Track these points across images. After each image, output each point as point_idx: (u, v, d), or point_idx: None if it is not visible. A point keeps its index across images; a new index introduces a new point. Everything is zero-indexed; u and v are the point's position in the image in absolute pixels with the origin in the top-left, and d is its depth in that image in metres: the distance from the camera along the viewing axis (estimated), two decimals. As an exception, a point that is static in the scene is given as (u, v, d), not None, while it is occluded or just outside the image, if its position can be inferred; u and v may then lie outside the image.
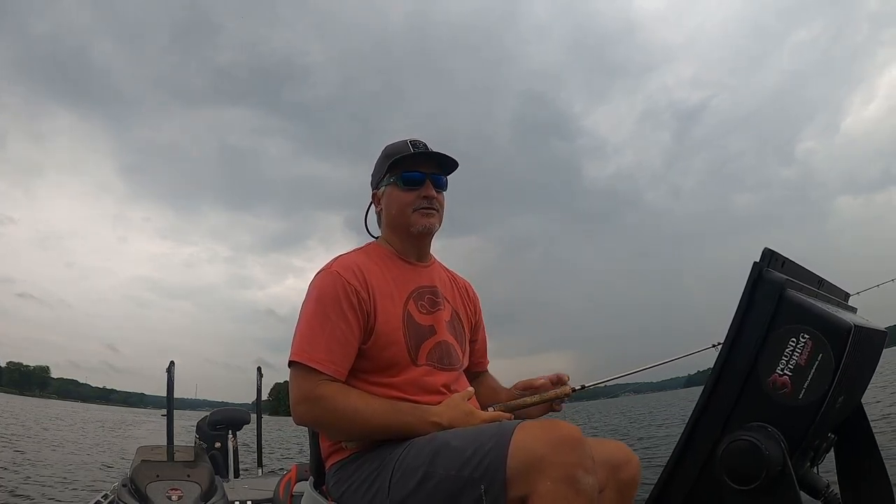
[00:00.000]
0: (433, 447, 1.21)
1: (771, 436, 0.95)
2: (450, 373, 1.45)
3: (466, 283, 1.71)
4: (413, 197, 1.48)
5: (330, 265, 1.44)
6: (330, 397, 1.29)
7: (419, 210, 1.49)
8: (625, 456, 1.41)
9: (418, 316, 1.46)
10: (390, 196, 1.51)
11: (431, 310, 1.49)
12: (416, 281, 1.51)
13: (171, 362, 3.99)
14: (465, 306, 1.63)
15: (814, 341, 0.95)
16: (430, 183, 1.49)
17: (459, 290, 1.65)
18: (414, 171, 1.48)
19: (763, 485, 0.93)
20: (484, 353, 1.72)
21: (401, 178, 1.49)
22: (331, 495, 1.37)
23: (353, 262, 1.44)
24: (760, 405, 0.98)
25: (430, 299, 1.51)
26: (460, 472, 1.14)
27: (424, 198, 1.48)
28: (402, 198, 1.49)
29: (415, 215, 1.49)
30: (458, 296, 1.63)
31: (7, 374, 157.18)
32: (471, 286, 1.72)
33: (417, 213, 1.49)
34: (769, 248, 1.03)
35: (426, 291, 1.50)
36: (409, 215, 1.49)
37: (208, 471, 3.09)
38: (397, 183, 1.49)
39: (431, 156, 1.50)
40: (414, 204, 1.48)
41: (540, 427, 1.13)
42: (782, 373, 0.97)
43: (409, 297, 1.47)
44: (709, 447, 1.02)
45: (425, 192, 1.48)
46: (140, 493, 2.78)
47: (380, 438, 1.31)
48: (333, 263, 1.44)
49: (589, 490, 1.05)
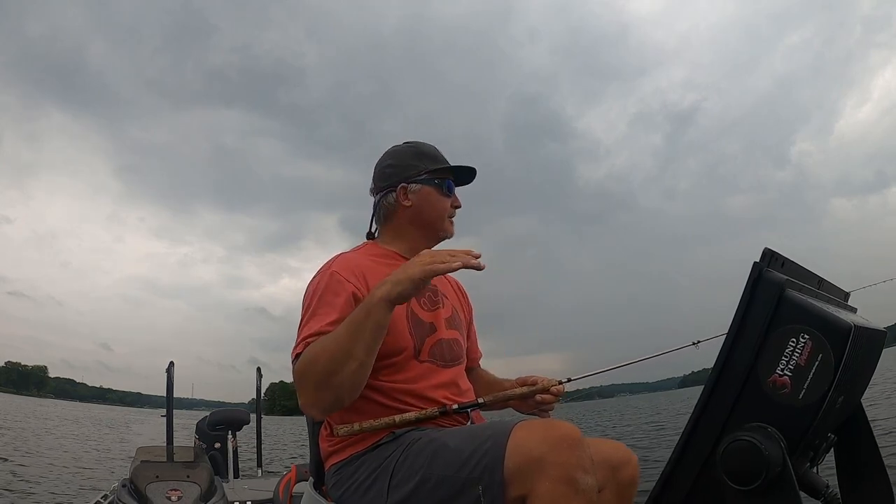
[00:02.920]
0: (432, 448, 1.21)
1: (771, 436, 0.95)
2: (452, 369, 1.45)
3: (458, 282, 1.74)
4: (449, 204, 1.56)
5: (329, 265, 1.43)
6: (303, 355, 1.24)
7: (449, 219, 1.57)
8: (624, 456, 1.41)
9: (421, 313, 1.46)
10: (428, 197, 1.53)
11: (432, 307, 1.50)
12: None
13: (171, 363, 3.98)
14: (460, 303, 1.66)
15: (814, 341, 0.95)
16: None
17: (454, 288, 1.68)
18: (452, 178, 1.56)
19: (763, 485, 0.93)
20: (476, 348, 1.72)
21: (445, 183, 1.55)
22: (330, 496, 1.37)
23: (352, 262, 1.43)
24: (760, 405, 0.98)
25: (430, 297, 1.51)
26: (458, 472, 1.14)
27: (454, 207, 1.58)
28: (443, 202, 1.54)
29: (447, 222, 1.57)
30: (454, 293, 1.65)
31: (5, 374, 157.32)
32: (461, 284, 1.75)
33: (447, 221, 1.57)
34: (769, 248, 1.03)
35: (427, 289, 1.50)
36: (444, 220, 1.56)
37: (208, 471, 3.09)
38: (440, 187, 1.54)
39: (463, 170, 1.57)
40: (449, 211, 1.56)
41: (538, 427, 1.12)
42: (782, 373, 0.97)
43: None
44: (709, 447, 1.02)
45: (456, 203, 1.58)
46: (139, 494, 2.78)
47: (351, 353, 1.20)
48: (332, 263, 1.43)
49: (588, 490, 1.05)
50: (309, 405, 1.25)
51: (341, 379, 1.20)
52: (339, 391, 1.22)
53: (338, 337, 1.23)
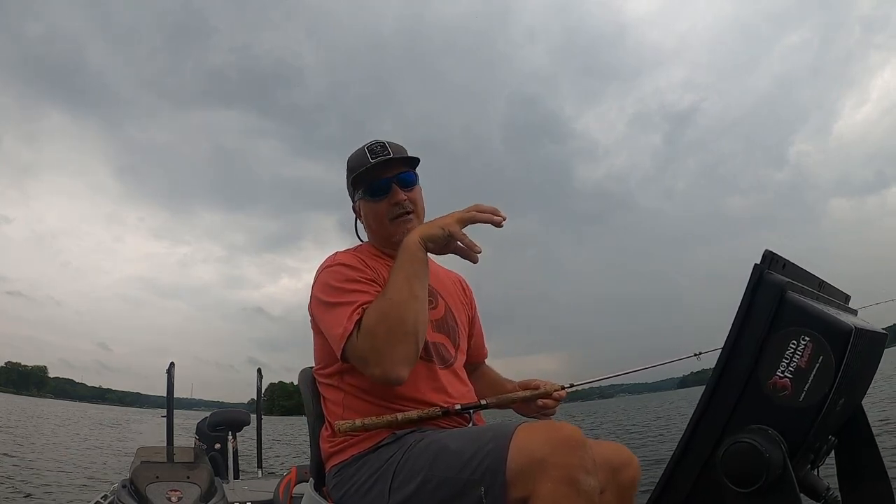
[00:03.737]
0: (433, 450, 1.21)
1: (771, 438, 0.95)
2: (445, 370, 1.45)
3: (459, 277, 1.72)
4: (384, 206, 1.48)
5: (333, 259, 1.45)
6: (364, 322, 1.26)
7: (395, 219, 1.48)
8: (625, 457, 1.41)
9: None
10: (365, 209, 1.53)
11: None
12: None
13: (171, 363, 3.99)
14: (460, 300, 1.64)
15: (814, 344, 0.95)
16: (398, 186, 1.47)
17: (453, 285, 1.66)
18: (378, 179, 1.47)
19: (763, 487, 0.92)
20: (482, 345, 1.72)
21: (367, 190, 1.49)
22: (331, 497, 1.37)
23: (354, 255, 1.47)
24: (761, 407, 0.98)
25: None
26: (460, 473, 1.14)
27: (395, 204, 1.47)
28: (375, 209, 1.49)
29: (393, 225, 1.48)
30: (453, 290, 1.63)
31: (5, 374, 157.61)
32: (463, 279, 1.73)
33: (395, 223, 1.48)
34: (770, 249, 1.03)
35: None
36: (387, 226, 1.49)
37: (208, 472, 3.09)
38: (366, 196, 1.50)
39: (390, 162, 1.47)
40: (388, 213, 1.48)
41: (540, 428, 1.12)
42: (783, 375, 0.96)
43: None
44: (709, 449, 1.02)
45: (395, 199, 1.47)
46: (139, 495, 2.78)
47: (414, 293, 1.28)
48: (336, 257, 1.46)
49: (590, 491, 1.05)
50: (394, 364, 1.24)
51: (415, 322, 1.26)
52: (417, 335, 1.26)
53: (395, 285, 1.27)
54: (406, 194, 1.48)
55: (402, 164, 1.49)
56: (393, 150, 1.48)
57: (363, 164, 1.48)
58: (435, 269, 1.60)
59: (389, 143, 1.51)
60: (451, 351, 1.51)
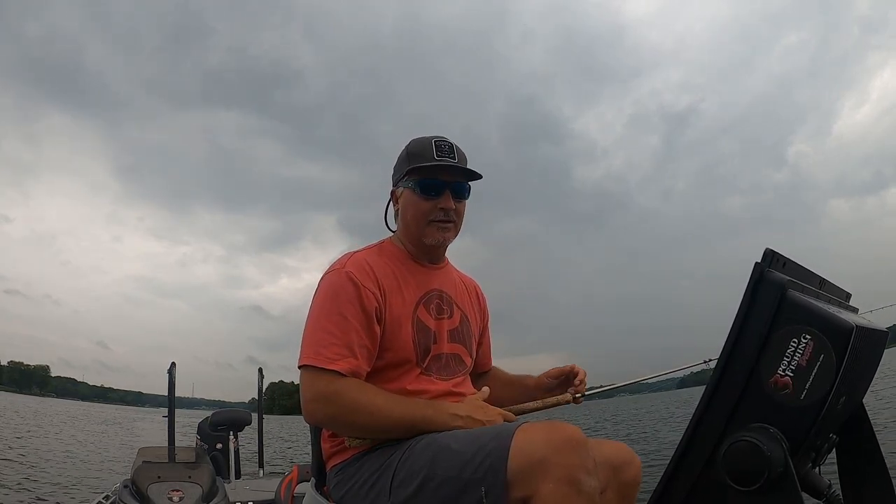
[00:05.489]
0: (434, 449, 1.21)
1: (772, 436, 0.95)
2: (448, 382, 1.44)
3: (475, 284, 1.69)
4: (430, 206, 1.42)
5: (342, 264, 1.38)
6: (346, 392, 1.25)
7: (435, 222, 1.43)
8: (627, 456, 1.41)
9: (426, 319, 1.44)
10: (407, 200, 1.45)
11: (438, 316, 1.47)
12: (427, 284, 1.48)
13: (173, 363, 3.99)
14: (474, 309, 1.61)
15: (815, 342, 0.95)
16: (450, 193, 1.42)
17: (469, 293, 1.62)
18: (434, 178, 1.41)
19: (765, 485, 0.92)
20: (488, 354, 1.71)
21: (419, 184, 1.42)
22: (332, 497, 1.37)
23: (364, 262, 1.39)
24: (762, 406, 0.98)
25: (438, 305, 1.48)
26: (461, 473, 1.14)
27: (441, 209, 1.42)
28: (420, 206, 1.43)
29: (430, 227, 1.44)
30: (469, 299, 1.60)
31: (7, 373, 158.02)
32: (479, 287, 1.70)
33: (433, 226, 1.44)
34: (770, 248, 1.03)
35: (434, 296, 1.48)
36: (423, 226, 1.44)
37: (209, 472, 3.09)
38: (415, 189, 1.43)
39: (453, 168, 1.42)
40: (430, 214, 1.43)
41: (541, 428, 1.12)
42: (784, 373, 0.96)
43: (420, 301, 1.44)
44: (710, 448, 1.02)
45: (443, 203, 1.42)
46: (141, 495, 2.78)
47: (396, 434, 1.28)
48: (346, 262, 1.38)
49: (591, 492, 1.05)
50: (316, 421, 1.31)
51: (365, 433, 1.30)
52: (354, 433, 1.31)
53: (394, 416, 1.26)
54: (455, 203, 1.43)
55: (461, 174, 1.44)
56: (458, 157, 1.44)
57: (425, 158, 1.41)
58: (452, 275, 1.59)
59: (457, 147, 1.46)
60: (466, 361, 1.51)
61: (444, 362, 1.44)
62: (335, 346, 1.28)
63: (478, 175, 1.44)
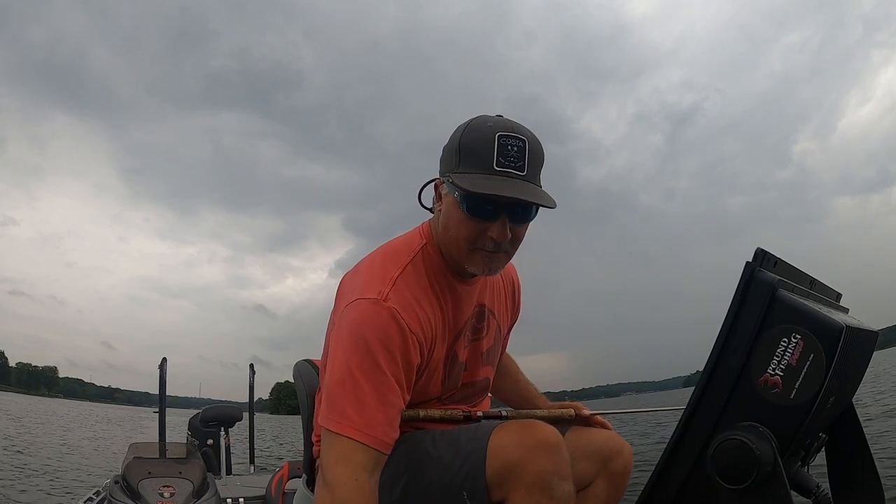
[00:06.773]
0: (413, 457, 1.18)
1: (762, 435, 0.95)
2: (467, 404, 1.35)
3: (512, 275, 1.43)
4: (477, 232, 1.11)
5: (382, 293, 1.09)
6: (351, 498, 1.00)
7: (480, 250, 1.13)
8: (616, 445, 1.38)
9: (460, 350, 1.28)
10: (451, 209, 1.13)
11: (474, 337, 1.31)
12: (469, 304, 1.28)
13: (164, 359, 3.97)
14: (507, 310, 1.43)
15: (805, 341, 0.95)
16: (508, 219, 1.09)
17: (506, 287, 1.41)
18: (486, 196, 1.06)
19: (754, 484, 0.93)
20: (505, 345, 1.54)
21: (466, 199, 1.08)
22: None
23: (408, 294, 1.13)
24: (752, 405, 0.99)
25: (474, 326, 1.30)
26: (441, 479, 1.12)
27: (491, 238, 1.11)
28: (464, 226, 1.11)
29: (475, 255, 1.14)
30: (505, 297, 1.40)
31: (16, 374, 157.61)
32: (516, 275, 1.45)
33: (479, 254, 1.13)
34: (761, 247, 1.03)
35: (473, 317, 1.30)
36: (465, 252, 1.14)
37: (200, 468, 3.08)
38: (461, 203, 1.09)
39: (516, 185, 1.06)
40: (477, 242, 1.12)
41: (516, 430, 1.09)
42: (774, 372, 0.97)
43: (459, 335, 1.26)
44: (700, 446, 1.02)
45: (495, 232, 1.10)
46: (132, 490, 2.76)
47: None
48: (388, 292, 1.10)
49: (563, 498, 1.03)
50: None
51: None
52: None
53: None
54: (512, 230, 1.11)
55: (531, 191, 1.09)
56: (530, 164, 1.08)
57: (481, 161, 1.07)
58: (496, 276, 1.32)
59: (532, 146, 1.09)
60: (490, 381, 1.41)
61: (473, 388, 1.34)
62: (372, 411, 1.04)
63: (549, 204, 1.09)
